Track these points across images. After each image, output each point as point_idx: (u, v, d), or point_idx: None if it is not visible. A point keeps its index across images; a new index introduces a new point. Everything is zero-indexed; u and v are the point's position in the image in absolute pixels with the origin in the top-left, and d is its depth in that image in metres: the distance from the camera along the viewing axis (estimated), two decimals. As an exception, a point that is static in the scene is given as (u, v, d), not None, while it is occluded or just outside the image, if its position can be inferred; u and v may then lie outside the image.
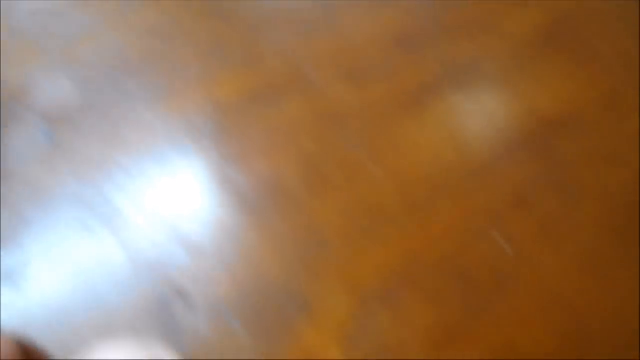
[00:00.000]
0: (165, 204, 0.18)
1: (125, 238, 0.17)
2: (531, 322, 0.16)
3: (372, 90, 0.21)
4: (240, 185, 0.19)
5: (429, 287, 0.16)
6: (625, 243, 0.18)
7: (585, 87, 0.21)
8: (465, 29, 0.20)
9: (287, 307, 0.16)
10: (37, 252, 0.17)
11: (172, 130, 0.20)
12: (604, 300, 0.16)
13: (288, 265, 0.17)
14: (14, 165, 0.18)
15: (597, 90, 0.21)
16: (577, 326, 0.16)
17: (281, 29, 0.21)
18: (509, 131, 0.20)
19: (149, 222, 0.18)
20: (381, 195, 0.19)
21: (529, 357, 0.15)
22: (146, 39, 0.22)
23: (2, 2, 0.22)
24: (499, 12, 0.21)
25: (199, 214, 0.18)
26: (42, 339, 0.15)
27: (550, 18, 0.21)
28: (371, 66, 0.21)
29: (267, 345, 0.15)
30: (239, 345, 0.15)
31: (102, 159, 0.18)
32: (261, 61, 0.22)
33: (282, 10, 0.21)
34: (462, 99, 0.21)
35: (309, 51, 0.22)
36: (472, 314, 0.16)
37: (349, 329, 0.16)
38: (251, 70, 0.22)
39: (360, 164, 0.19)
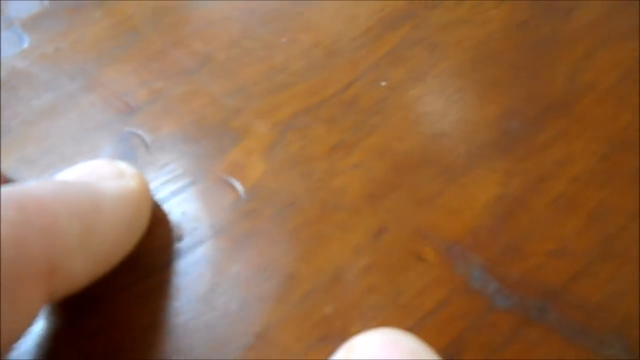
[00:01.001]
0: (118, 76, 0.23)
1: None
2: (403, 133, 0.22)
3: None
4: (183, 61, 0.24)
5: (329, 118, 0.22)
6: (477, 83, 0.24)
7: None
8: None
9: (222, 138, 0.21)
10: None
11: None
12: (458, 116, 0.22)
13: (222, 112, 0.22)
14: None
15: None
16: (438, 131, 0.22)
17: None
18: (390, 8, 0.26)
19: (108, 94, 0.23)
20: (291, 61, 0.24)
21: (400, 156, 0.21)
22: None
23: None
24: None
25: (146, 86, 0.23)
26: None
27: None
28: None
29: (203, 164, 0.21)
30: (180, 164, 0.21)
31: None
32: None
33: None
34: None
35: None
36: (362, 133, 0.22)
37: (271, 150, 0.21)
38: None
39: (276, 42, 0.25)
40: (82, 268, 0.15)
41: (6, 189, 0.13)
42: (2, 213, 0.13)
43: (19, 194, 0.13)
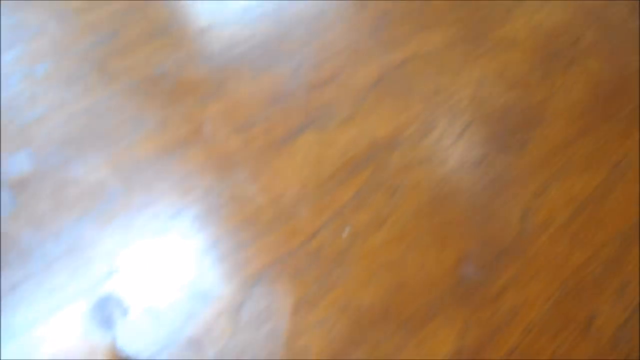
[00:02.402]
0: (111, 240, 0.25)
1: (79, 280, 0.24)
2: (364, 286, 0.23)
3: (255, 137, 0.28)
4: (158, 212, 0.26)
5: (295, 272, 0.23)
6: (434, 227, 0.25)
7: (404, 116, 0.29)
8: (320, 88, 0.28)
9: (192, 301, 0.23)
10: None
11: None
12: (417, 264, 0.24)
13: (193, 272, 0.24)
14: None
15: (413, 118, 0.29)
16: (398, 282, 0.23)
17: (186, 99, 0.27)
18: (353, 151, 0.28)
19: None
20: (261, 212, 0.26)
21: (361, 311, 0.22)
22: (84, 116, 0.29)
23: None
24: (347, 68, 0.29)
25: (126, 249, 0.25)
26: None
27: (382, 72, 0.29)
28: (253, 120, 0.28)
29: (173, 330, 0.22)
30: (163, 326, 0.22)
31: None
32: (168, 124, 0.28)
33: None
34: (320, 136, 0.28)
35: (207, 113, 0.29)
36: (325, 288, 0.23)
37: (239, 311, 0.22)
38: (162, 131, 0.29)
39: (247, 192, 0.26)
40: None
41: None
42: None
43: None
